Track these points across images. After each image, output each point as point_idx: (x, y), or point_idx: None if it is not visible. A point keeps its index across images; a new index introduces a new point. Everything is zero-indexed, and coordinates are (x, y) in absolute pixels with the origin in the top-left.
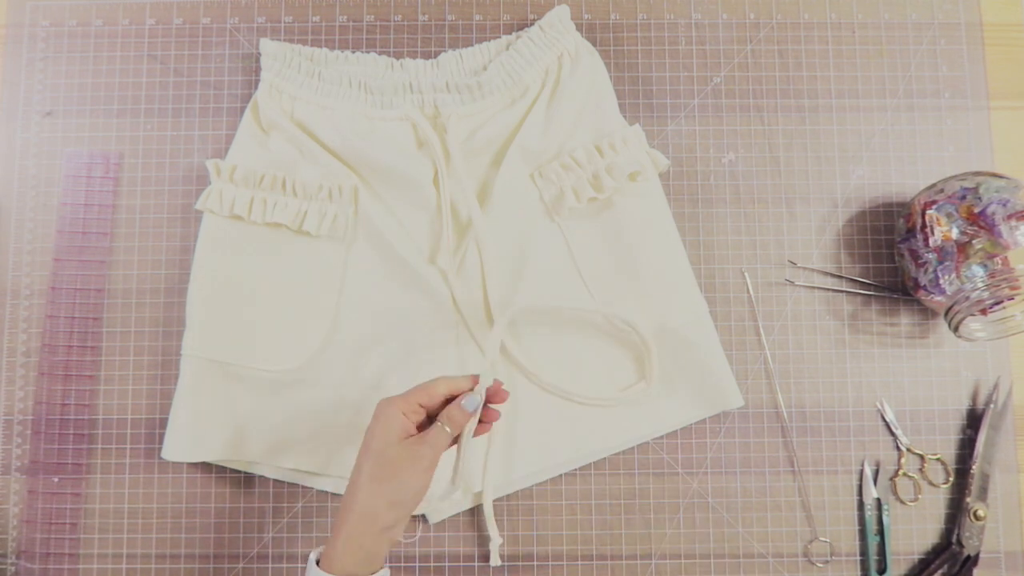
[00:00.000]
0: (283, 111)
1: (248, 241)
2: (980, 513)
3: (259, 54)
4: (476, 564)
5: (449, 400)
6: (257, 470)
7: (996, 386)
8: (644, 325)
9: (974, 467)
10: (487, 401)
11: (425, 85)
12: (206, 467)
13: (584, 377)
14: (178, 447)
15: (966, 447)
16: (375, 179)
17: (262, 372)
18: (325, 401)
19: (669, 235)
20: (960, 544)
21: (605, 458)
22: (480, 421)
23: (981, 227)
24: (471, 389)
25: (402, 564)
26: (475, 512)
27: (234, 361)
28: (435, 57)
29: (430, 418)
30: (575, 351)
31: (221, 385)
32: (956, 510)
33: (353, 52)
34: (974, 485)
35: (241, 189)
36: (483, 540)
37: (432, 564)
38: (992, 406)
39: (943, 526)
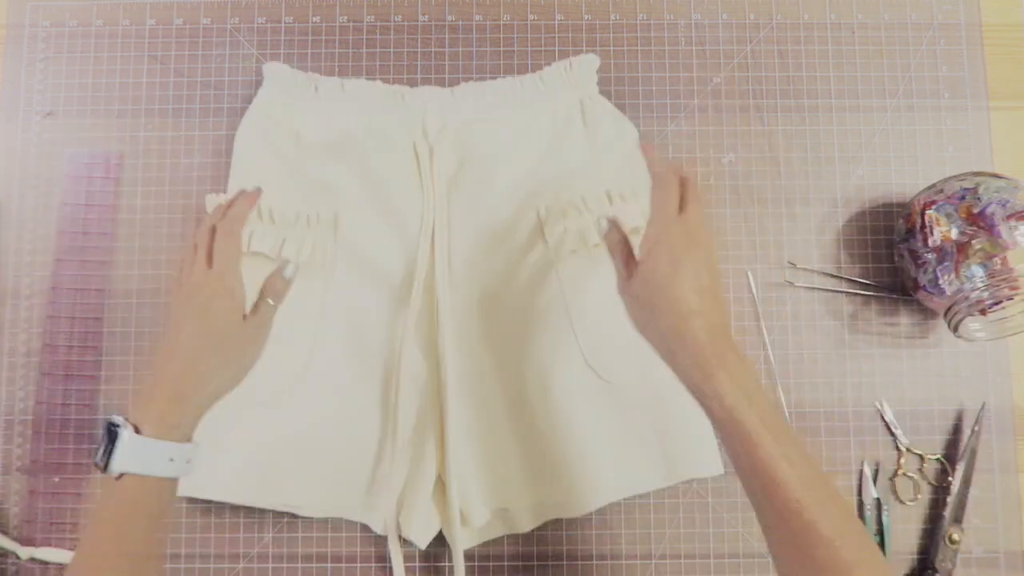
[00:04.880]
0: (278, 122)
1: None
2: (955, 537)
3: (258, 66)
4: (476, 564)
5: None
6: (263, 507)
7: (981, 412)
8: (626, 375)
9: (952, 491)
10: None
11: (431, 109)
12: None
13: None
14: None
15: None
16: (362, 198)
17: (243, 405)
18: (306, 431)
19: None
20: (935, 569)
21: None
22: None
23: (981, 227)
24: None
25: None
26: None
27: None
28: (449, 86)
29: None
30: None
31: (207, 419)
32: (956, 510)
33: (360, 78)
34: (950, 509)
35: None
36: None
37: (432, 564)
38: (976, 429)
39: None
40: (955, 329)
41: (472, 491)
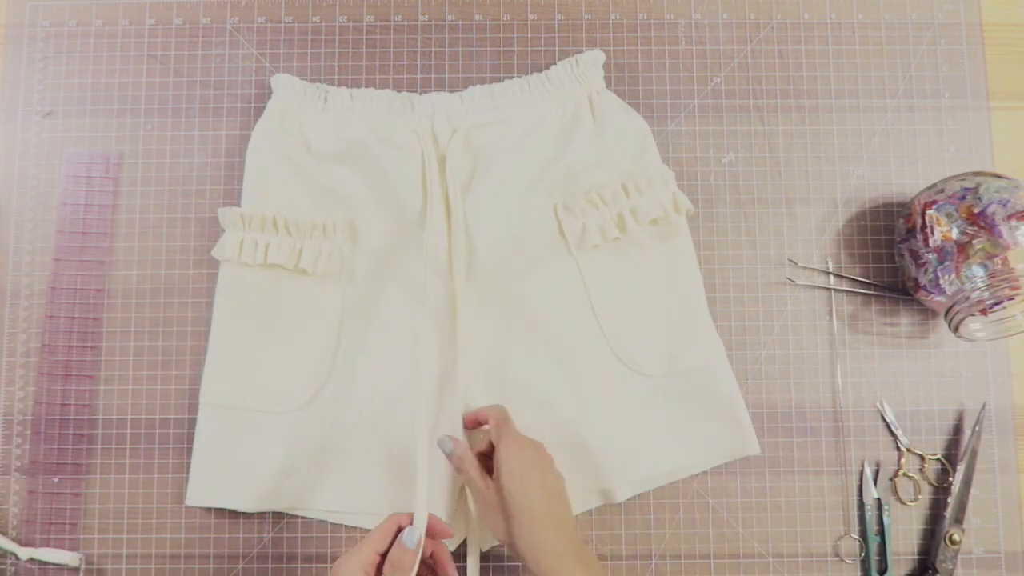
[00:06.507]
0: (288, 133)
1: (253, 284)
2: (956, 538)
3: (265, 80)
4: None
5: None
6: (298, 513)
7: (982, 412)
8: (655, 365)
9: (952, 491)
10: (431, 535)
11: (440, 114)
12: None
13: (587, 413)
14: (199, 494)
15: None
16: (376, 205)
17: (270, 415)
18: (333, 437)
19: (690, 278)
20: (935, 569)
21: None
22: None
23: (981, 227)
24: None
25: None
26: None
27: (245, 406)
28: (450, 86)
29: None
30: (580, 385)
31: (235, 432)
32: (957, 510)
33: (368, 88)
34: (951, 509)
35: (234, 233)
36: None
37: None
38: (976, 430)
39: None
40: (955, 329)
41: None
